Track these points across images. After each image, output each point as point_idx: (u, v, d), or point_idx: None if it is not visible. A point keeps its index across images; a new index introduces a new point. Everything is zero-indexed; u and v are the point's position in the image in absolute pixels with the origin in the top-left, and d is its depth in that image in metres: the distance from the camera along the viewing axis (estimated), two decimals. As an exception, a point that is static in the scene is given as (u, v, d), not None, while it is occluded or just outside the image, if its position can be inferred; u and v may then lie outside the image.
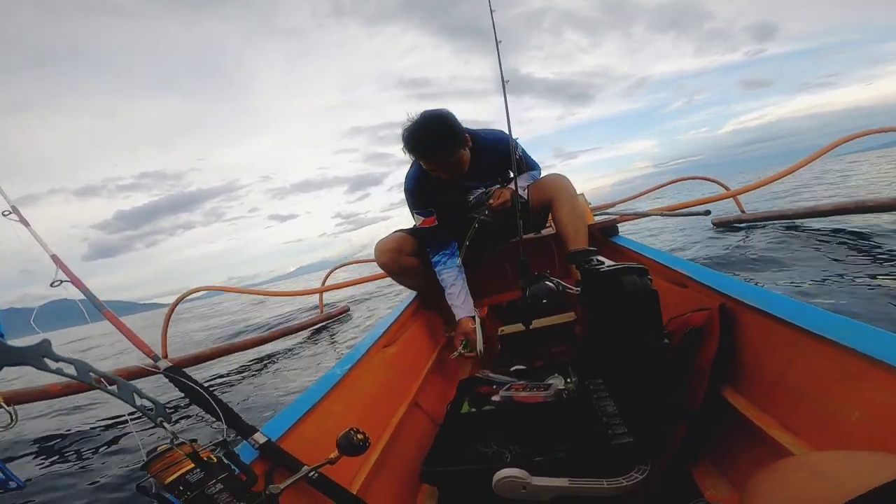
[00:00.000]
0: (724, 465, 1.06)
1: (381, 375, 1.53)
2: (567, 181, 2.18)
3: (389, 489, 1.16)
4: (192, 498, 0.69)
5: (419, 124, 1.86)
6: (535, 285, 1.46)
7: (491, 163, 2.09)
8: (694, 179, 8.17)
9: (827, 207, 4.37)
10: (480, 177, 2.15)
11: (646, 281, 1.00)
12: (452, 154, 1.90)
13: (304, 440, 1.01)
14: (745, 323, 1.06)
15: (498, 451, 1.14)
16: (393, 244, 2.22)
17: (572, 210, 2.10)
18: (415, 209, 2.14)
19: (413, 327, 2.05)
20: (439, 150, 1.88)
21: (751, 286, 1.12)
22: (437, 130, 1.86)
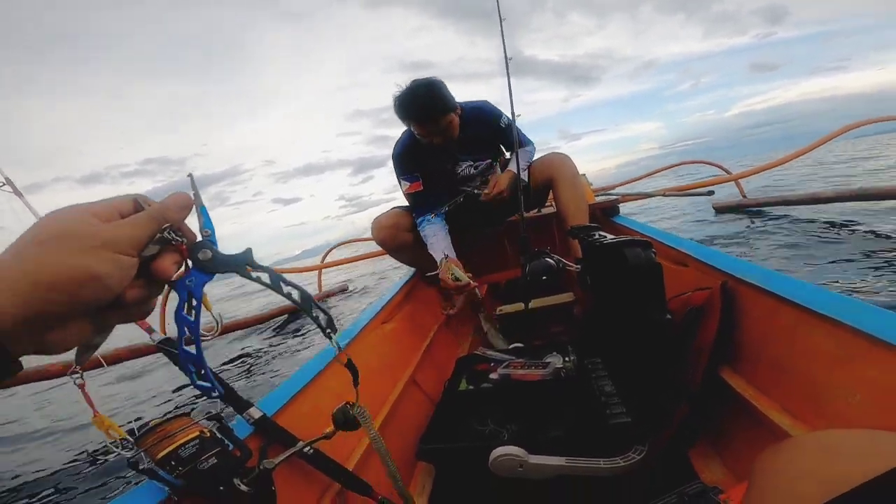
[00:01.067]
0: (720, 448, 1.05)
1: (379, 352, 1.52)
2: (568, 160, 2.19)
3: (385, 466, 1.16)
4: (184, 473, 0.68)
5: (411, 90, 1.92)
6: (535, 262, 1.44)
7: (478, 132, 2.11)
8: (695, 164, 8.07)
9: (827, 194, 4.34)
10: (468, 148, 2.16)
11: (650, 254, 0.99)
12: (443, 117, 1.94)
13: (301, 416, 1.00)
14: (746, 302, 1.05)
15: (495, 430, 1.14)
16: (390, 220, 2.22)
17: (573, 189, 2.10)
18: (401, 175, 2.18)
19: (411, 304, 2.05)
20: (431, 112, 1.93)
21: (753, 265, 1.10)
22: (429, 94, 1.91)
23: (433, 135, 1.99)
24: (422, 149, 2.10)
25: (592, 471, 0.94)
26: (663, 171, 7.76)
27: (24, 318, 0.30)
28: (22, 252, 0.32)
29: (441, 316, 2.20)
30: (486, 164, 2.24)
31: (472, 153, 2.18)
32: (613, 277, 1.05)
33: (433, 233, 2.10)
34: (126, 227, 0.36)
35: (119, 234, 0.35)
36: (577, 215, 2.05)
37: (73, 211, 0.35)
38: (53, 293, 0.31)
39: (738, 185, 5.51)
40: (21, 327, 0.30)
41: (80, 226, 0.34)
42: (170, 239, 0.39)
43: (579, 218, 2.02)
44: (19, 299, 0.30)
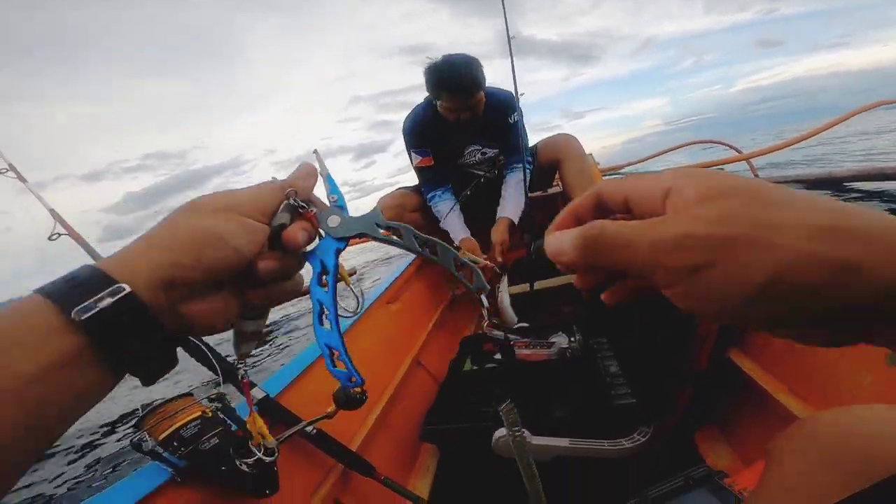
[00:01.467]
0: (727, 431, 1.04)
1: (384, 332, 1.51)
2: (575, 141, 2.18)
3: (390, 447, 1.15)
4: (186, 453, 0.68)
5: (449, 63, 1.87)
6: (540, 240, 1.43)
7: (494, 119, 2.07)
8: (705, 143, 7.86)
9: (843, 174, 4.24)
10: (483, 132, 2.13)
11: None
12: (475, 93, 1.90)
13: (303, 397, 1.00)
14: None
15: (498, 412, 1.13)
16: (396, 200, 2.22)
17: (581, 170, 2.09)
18: (412, 148, 2.14)
19: (416, 285, 2.04)
20: (469, 87, 1.88)
21: None
22: (468, 69, 1.86)
23: (462, 110, 1.96)
24: (434, 124, 2.06)
25: (596, 452, 0.93)
26: (673, 150, 7.58)
27: (158, 283, 0.30)
28: (158, 225, 0.33)
29: (446, 297, 2.19)
30: (494, 154, 2.21)
31: (485, 138, 2.16)
32: None
33: (447, 209, 2.10)
34: (250, 191, 0.37)
35: (242, 197, 0.36)
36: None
37: (210, 193, 0.36)
38: (179, 254, 0.31)
39: (750, 164, 5.36)
40: (158, 294, 0.30)
41: (207, 197, 0.35)
42: (296, 206, 0.38)
43: None
44: (152, 264, 0.30)
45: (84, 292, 0.28)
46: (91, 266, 0.30)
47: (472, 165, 2.21)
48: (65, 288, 0.28)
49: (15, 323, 0.27)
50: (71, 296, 0.28)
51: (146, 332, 0.30)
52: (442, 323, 1.93)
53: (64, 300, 0.28)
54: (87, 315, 0.27)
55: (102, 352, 0.28)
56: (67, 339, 0.27)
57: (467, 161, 2.19)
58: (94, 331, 0.28)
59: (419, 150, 2.11)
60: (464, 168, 2.22)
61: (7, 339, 0.26)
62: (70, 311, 0.27)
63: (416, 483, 1.11)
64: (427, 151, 2.11)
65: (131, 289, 0.29)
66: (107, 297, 0.28)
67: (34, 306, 0.28)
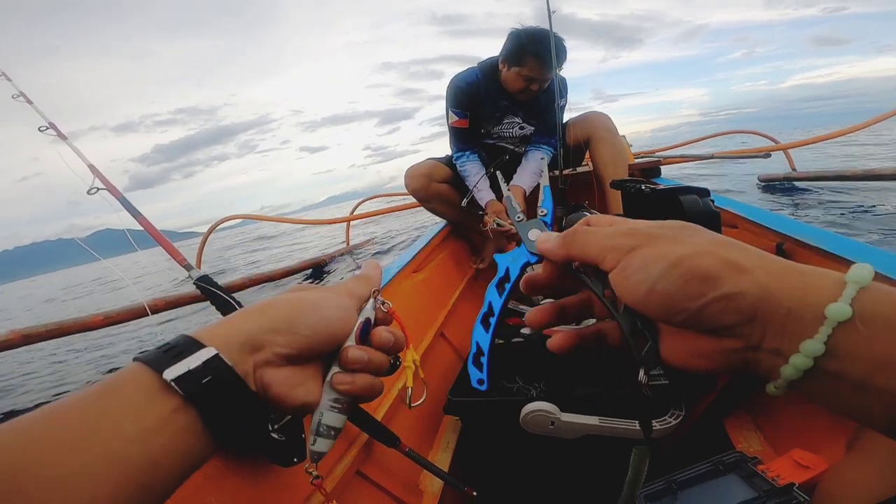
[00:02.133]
0: (758, 417, 1.01)
1: (409, 302, 1.50)
2: (607, 118, 2.16)
3: (412, 419, 1.15)
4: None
5: (543, 32, 1.88)
6: (572, 214, 1.39)
7: (541, 99, 2.07)
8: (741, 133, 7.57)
9: (887, 171, 4.04)
10: (526, 108, 2.13)
11: (708, 202, 0.91)
12: (555, 69, 1.90)
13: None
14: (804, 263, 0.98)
15: (523, 388, 1.12)
16: (424, 170, 2.21)
17: (613, 147, 2.05)
18: (453, 107, 2.15)
19: (442, 255, 2.02)
20: (558, 58, 1.88)
21: (813, 227, 1.04)
22: (559, 42, 1.87)
23: (538, 81, 1.97)
24: (482, 89, 2.08)
25: (625, 433, 0.91)
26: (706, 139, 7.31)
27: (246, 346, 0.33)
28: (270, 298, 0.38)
29: (470, 270, 2.17)
30: (530, 132, 2.21)
31: (527, 114, 2.16)
32: None
33: (474, 171, 2.11)
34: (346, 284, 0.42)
35: (339, 287, 0.41)
36: (617, 172, 1.99)
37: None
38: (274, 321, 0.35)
39: (788, 155, 5.13)
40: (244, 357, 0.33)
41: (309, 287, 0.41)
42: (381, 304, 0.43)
43: (619, 175, 1.97)
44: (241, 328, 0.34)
45: (174, 355, 0.31)
46: (185, 335, 0.33)
47: (507, 138, 2.21)
48: (158, 354, 0.31)
49: (117, 387, 0.29)
50: (163, 359, 0.31)
51: (233, 392, 0.32)
52: (466, 295, 1.92)
53: (157, 364, 0.30)
54: (177, 376, 0.30)
55: (196, 413, 0.30)
56: (163, 401, 0.29)
57: (504, 132, 2.18)
58: (185, 391, 0.30)
59: (458, 110, 2.13)
60: (499, 139, 2.21)
61: (112, 403, 0.28)
62: (162, 373, 0.30)
63: (437, 455, 1.11)
64: (465, 114, 2.12)
65: (217, 351, 0.32)
66: (194, 359, 0.31)
67: (132, 372, 0.30)
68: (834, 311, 0.26)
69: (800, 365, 0.26)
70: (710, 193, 0.93)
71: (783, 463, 0.81)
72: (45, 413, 0.27)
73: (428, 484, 1.00)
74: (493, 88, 2.05)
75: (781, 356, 0.27)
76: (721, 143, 7.74)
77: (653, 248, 0.31)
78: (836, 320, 0.25)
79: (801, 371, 0.27)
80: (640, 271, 0.30)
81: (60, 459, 0.25)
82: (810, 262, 0.87)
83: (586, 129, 2.11)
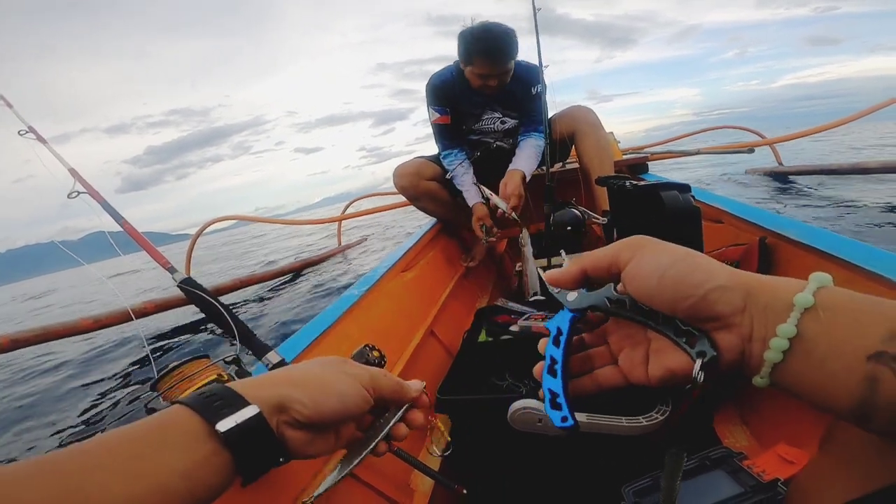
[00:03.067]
0: (745, 414, 1.03)
1: (398, 301, 1.50)
2: (591, 112, 2.15)
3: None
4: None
5: (486, 29, 1.89)
6: (560, 211, 1.40)
7: (515, 88, 2.07)
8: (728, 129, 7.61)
9: (873, 165, 4.09)
10: (504, 101, 2.13)
11: (688, 197, 0.93)
12: (508, 62, 1.94)
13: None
14: (787, 259, 1.00)
15: (513, 384, 1.12)
16: (412, 168, 2.20)
17: (597, 142, 2.06)
18: (432, 105, 2.16)
19: (432, 254, 2.02)
20: (505, 55, 1.92)
21: (795, 221, 1.05)
22: (506, 37, 1.89)
23: (494, 77, 1.97)
24: (458, 87, 2.09)
25: (612, 429, 0.91)
26: (694, 135, 7.37)
27: (275, 407, 0.39)
28: (298, 367, 0.45)
29: (461, 268, 2.17)
30: (513, 125, 2.21)
31: (505, 107, 2.16)
32: (647, 225, 0.99)
33: (462, 171, 2.12)
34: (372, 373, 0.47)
35: (365, 374, 0.46)
36: (602, 168, 1.99)
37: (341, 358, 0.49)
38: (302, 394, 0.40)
39: (774, 150, 5.16)
40: (272, 416, 0.38)
41: (339, 362, 0.47)
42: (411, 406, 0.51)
43: (604, 171, 1.97)
44: (275, 391, 0.39)
45: (223, 407, 0.36)
46: (227, 387, 0.38)
47: (489, 133, 2.21)
48: (204, 402, 0.36)
49: (165, 428, 0.34)
50: (210, 409, 0.36)
51: (265, 443, 0.37)
52: (456, 293, 1.92)
53: (207, 413, 0.35)
54: (228, 428, 0.35)
55: (230, 455, 0.35)
56: (209, 445, 0.34)
57: (485, 127, 2.18)
58: (230, 440, 0.35)
59: (438, 107, 2.13)
60: (481, 134, 2.22)
61: (164, 440, 0.33)
62: (214, 423, 0.35)
63: (427, 454, 1.11)
64: (445, 110, 2.12)
65: (260, 410, 0.37)
66: (241, 414, 0.36)
67: (178, 415, 0.36)
68: (800, 299, 0.31)
69: (778, 346, 0.31)
70: (691, 189, 0.94)
71: (768, 458, 0.82)
72: (103, 442, 0.32)
73: (419, 483, 1.01)
74: (467, 85, 2.05)
75: (765, 343, 0.32)
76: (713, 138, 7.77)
77: (659, 246, 0.37)
78: (803, 307, 0.31)
79: (780, 353, 0.31)
80: (652, 262, 0.36)
81: (119, 487, 0.29)
82: (792, 257, 0.88)
83: (570, 124, 2.11)
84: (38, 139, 1.49)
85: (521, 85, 2.04)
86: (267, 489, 0.75)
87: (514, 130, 2.22)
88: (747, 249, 1.05)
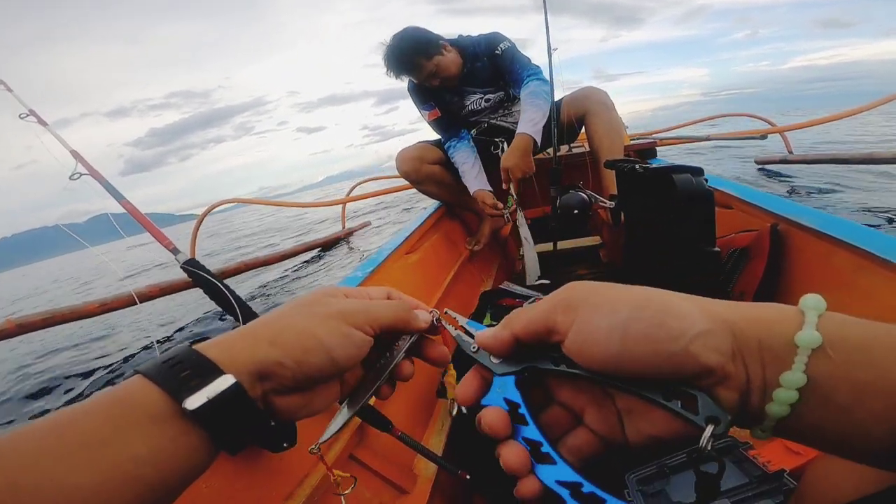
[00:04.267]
0: None
1: (402, 283, 1.49)
2: (603, 93, 2.10)
3: (406, 402, 1.15)
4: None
5: (390, 47, 2.01)
6: (566, 195, 1.38)
7: (478, 65, 2.10)
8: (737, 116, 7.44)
9: (886, 155, 4.00)
10: (471, 81, 2.15)
11: (701, 181, 0.91)
12: (427, 63, 1.98)
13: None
14: (799, 246, 0.98)
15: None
16: (414, 152, 2.21)
17: (609, 123, 2.01)
18: (419, 105, 2.23)
19: (435, 237, 2.01)
20: (412, 62, 1.99)
21: (808, 207, 1.03)
22: (405, 46, 1.98)
23: (429, 79, 2.04)
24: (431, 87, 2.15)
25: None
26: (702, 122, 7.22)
27: (256, 375, 0.32)
28: (268, 318, 0.36)
29: (465, 251, 2.16)
30: (499, 98, 2.20)
31: (477, 86, 2.17)
32: (658, 208, 0.97)
33: (464, 159, 2.11)
34: (366, 305, 0.38)
35: (357, 308, 0.37)
36: (612, 150, 1.96)
37: (328, 288, 0.40)
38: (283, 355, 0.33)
39: (785, 138, 5.02)
40: (255, 385, 0.32)
41: (324, 297, 0.38)
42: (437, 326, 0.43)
43: (614, 153, 1.93)
44: (256, 357, 0.32)
45: (190, 380, 0.29)
46: (195, 351, 0.31)
47: (479, 112, 2.22)
48: (169, 373, 0.30)
49: (126, 406, 0.28)
50: (176, 383, 0.29)
51: (247, 417, 0.31)
52: (460, 276, 1.91)
53: (172, 387, 0.29)
54: (198, 406, 0.29)
55: (207, 436, 0.30)
56: (176, 425, 0.29)
57: (474, 109, 2.20)
58: (203, 418, 0.29)
59: (425, 105, 2.19)
60: (476, 115, 2.23)
61: (123, 423, 0.27)
62: (180, 400, 0.29)
63: (430, 439, 1.11)
64: (432, 105, 2.17)
65: (238, 380, 0.30)
66: (213, 388, 0.29)
67: (141, 390, 0.29)
68: (804, 338, 0.25)
69: (784, 399, 0.25)
70: (704, 173, 0.92)
71: (774, 448, 0.81)
72: (51, 426, 0.27)
73: (422, 468, 1.01)
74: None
75: (765, 393, 0.26)
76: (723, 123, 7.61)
77: (604, 294, 0.29)
78: (810, 347, 0.25)
79: (786, 406, 0.25)
80: (604, 321, 0.28)
81: (72, 478, 0.25)
82: (807, 245, 0.87)
83: (582, 104, 2.06)
84: (39, 122, 1.49)
85: (477, 59, 2.08)
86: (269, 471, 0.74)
87: (501, 103, 2.22)
88: (758, 236, 1.03)
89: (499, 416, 0.33)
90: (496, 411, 0.33)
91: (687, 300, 0.28)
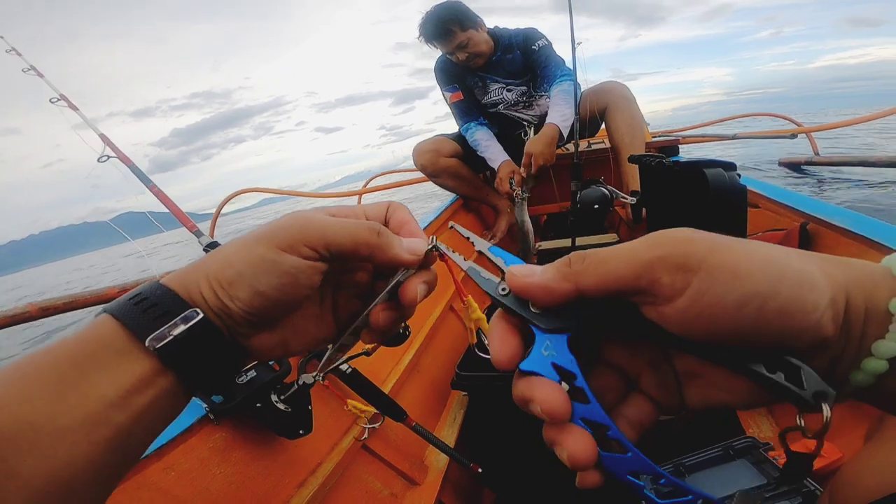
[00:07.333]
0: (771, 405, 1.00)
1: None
2: (625, 88, 2.09)
3: (420, 392, 1.15)
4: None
5: (428, 11, 2.04)
6: (587, 190, 1.36)
7: (508, 57, 2.11)
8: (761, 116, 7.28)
9: None
10: (501, 72, 2.16)
11: (734, 176, 0.87)
12: (460, 32, 1.99)
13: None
14: (829, 245, 0.95)
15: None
16: (431, 145, 2.22)
17: (631, 117, 1.99)
18: (443, 86, 2.25)
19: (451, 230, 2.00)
20: (447, 27, 1.99)
21: (838, 207, 1.00)
22: (444, 12, 1.99)
23: (456, 51, 2.04)
24: (459, 66, 2.15)
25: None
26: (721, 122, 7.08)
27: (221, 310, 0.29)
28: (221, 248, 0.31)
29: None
30: (521, 91, 2.19)
31: (502, 76, 2.17)
32: (686, 204, 0.94)
33: (484, 138, 2.13)
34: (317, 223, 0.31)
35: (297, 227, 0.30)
36: (634, 145, 1.93)
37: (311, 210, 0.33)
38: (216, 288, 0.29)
39: (811, 138, 4.92)
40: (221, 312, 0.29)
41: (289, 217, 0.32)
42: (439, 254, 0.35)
43: (636, 148, 1.90)
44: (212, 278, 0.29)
45: (155, 317, 0.28)
46: (160, 285, 0.29)
47: (500, 103, 2.23)
48: (134, 311, 0.28)
49: (92, 346, 0.27)
50: (141, 320, 0.27)
51: (215, 352, 0.29)
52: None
53: (136, 326, 0.27)
54: (161, 345, 0.27)
55: (176, 375, 0.28)
56: (142, 364, 0.27)
57: (495, 98, 2.21)
58: (169, 357, 0.27)
59: (449, 86, 2.22)
60: (495, 106, 2.24)
61: (90, 364, 0.26)
62: (144, 339, 0.27)
63: (443, 431, 1.11)
64: (456, 87, 2.20)
65: (204, 314, 0.28)
66: (180, 324, 0.28)
67: (108, 330, 0.28)
68: None
69: (873, 369, 0.23)
70: (737, 168, 0.89)
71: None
72: (17, 370, 0.25)
73: (433, 459, 1.00)
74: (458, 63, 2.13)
75: (854, 363, 0.24)
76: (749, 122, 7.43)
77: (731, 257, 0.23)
78: None
79: (873, 376, 0.23)
80: (737, 289, 0.22)
81: (38, 420, 0.24)
82: (837, 245, 0.84)
83: (603, 99, 2.04)
84: (70, 106, 1.51)
85: (509, 50, 2.09)
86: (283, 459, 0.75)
87: (524, 98, 2.21)
88: (786, 235, 1.00)
89: (557, 395, 0.25)
90: (552, 388, 0.25)
91: (810, 262, 0.24)
